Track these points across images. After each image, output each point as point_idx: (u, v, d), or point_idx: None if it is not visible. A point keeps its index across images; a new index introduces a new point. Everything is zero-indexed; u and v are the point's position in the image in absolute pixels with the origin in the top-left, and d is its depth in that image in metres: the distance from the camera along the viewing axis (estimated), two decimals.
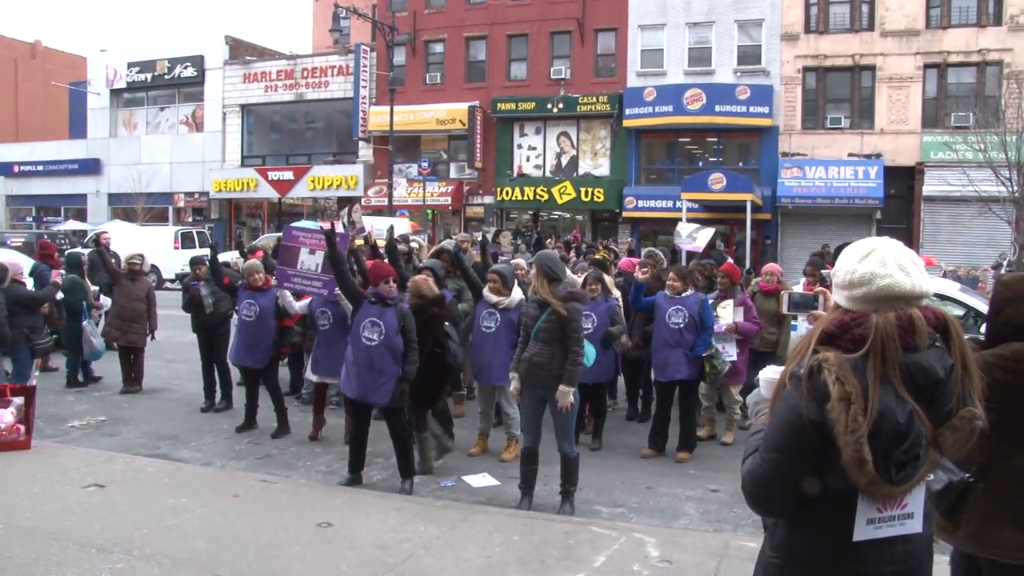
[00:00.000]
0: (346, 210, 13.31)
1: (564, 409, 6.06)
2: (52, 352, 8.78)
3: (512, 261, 9.67)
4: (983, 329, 3.26)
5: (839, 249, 8.05)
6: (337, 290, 7.36)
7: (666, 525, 6.07)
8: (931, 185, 25.08)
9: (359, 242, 9.48)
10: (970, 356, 2.16)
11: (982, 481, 2.97)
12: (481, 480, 7.11)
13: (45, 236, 24.38)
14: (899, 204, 25.82)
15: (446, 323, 7.32)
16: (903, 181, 25.72)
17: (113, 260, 12.18)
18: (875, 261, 2.17)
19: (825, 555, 2.16)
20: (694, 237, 13.39)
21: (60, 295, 10.09)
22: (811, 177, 25.59)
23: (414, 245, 11.91)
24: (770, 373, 2.45)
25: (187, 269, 11.22)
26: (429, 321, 6.95)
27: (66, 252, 11.23)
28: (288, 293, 8.30)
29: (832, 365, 2.05)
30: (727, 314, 8.35)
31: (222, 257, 12.24)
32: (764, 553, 2.34)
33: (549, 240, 13.42)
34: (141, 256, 11.23)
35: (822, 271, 9.46)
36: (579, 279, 8.19)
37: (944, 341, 2.15)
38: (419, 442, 7.17)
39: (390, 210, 25.79)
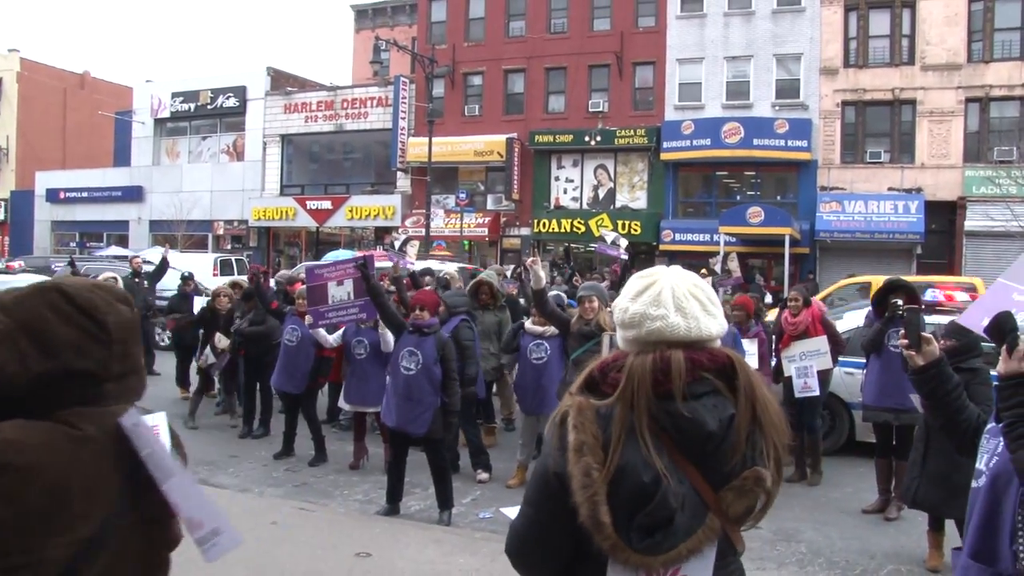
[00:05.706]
0: (401, 239, 13.47)
1: None
2: None
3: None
4: None
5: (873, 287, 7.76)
6: (378, 316, 7.38)
7: None
8: (973, 220, 24.68)
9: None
10: (766, 406, 1.83)
11: None
12: None
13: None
14: (940, 239, 25.45)
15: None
16: (944, 216, 25.37)
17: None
18: (648, 299, 1.88)
19: None
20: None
21: None
22: (850, 211, 25.35)
23: (448, 271, 11.94)
24: None
25: None
26: None
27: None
28: (322, 331, 8.22)
29: (574, 411, 1.80)
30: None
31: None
32: None
33: (576, 278, 13.40)
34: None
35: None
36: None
37: (729, 388, 1.82)
38: None
39: (427, 241, 25.93)
